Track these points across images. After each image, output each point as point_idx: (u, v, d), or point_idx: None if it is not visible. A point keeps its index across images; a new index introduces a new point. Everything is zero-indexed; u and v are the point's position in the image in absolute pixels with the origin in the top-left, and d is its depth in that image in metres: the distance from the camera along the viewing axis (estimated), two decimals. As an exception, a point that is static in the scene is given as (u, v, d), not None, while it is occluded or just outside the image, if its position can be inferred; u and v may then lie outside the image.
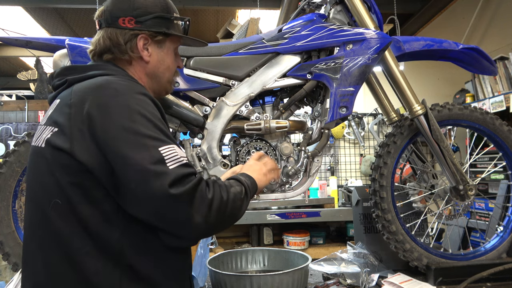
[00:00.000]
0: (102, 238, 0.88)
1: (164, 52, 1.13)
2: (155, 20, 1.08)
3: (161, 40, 1.11)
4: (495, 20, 3.51)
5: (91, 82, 0.96)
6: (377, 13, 1.53)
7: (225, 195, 0.93)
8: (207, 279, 1.65)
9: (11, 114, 4.55)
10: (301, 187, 1.51)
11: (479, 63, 1.64)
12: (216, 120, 1.44)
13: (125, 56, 1.07)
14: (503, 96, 2.95)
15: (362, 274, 1.50)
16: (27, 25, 5.11)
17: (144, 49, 1.08)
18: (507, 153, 1.62)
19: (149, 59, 1.10)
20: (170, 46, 1.15)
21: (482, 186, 2.91)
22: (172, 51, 1.16)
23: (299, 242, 3.52)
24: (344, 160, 4.40)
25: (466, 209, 1.60)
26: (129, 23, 1.05)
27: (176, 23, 1.15)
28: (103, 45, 1.06)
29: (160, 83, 1.16)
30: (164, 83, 1.17)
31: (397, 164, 1.54)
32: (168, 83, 1.19)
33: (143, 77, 1.11)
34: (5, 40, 1.74)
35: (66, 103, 0.94)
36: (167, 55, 1.14)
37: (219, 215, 0.90)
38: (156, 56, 1.11)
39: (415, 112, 1.49)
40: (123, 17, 1.05)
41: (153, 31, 1.08)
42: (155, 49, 1.11)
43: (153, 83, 1.14)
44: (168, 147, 0.89)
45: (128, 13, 1.06)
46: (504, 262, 1.48)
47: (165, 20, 1.11)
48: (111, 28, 1.06)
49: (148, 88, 1.11)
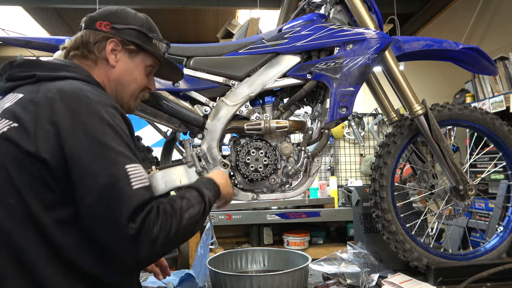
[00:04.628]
0: (57, 243, 0.85)
1: (133, 63, 1.13)
2: (132, 32, 1.11)
3: (132, 50, 1.11)
4: (495, 20, 3.50)
5: (62, 84, 0.94)
6: (377, 13, 1.53)
7: (175, 224, 0.90)
8: (207, 279, 1.65)
9: (11, 114, 4.54)
10: (301, 187, 1.51)
11: (479, 63, 1.64)
12: (216, 120, 1.44)
13: (91, 55, 1.08)
14: (503, 96, 2.95)
15: (362, 274, 1.50)
16: (27, 25, 5.10)
17: (112, 53, 1.09)
18: (507, 153, 1.61)
19: (115, 64, 1.09)
20: (142, 61, 1.14)
21: (482, 186, 2.91)
22: (143, 67, 1.15)
23: (299, 242, 3.52)
24: (344, 160, 4.40)
25: (466, 209, 1.60)
26: (104, 27, 1.08)
27: (155, 45, 1.16)
28: (73, 43, 1.09)
29: (123, 93, 1.13)
30: (127, 96, 1.14)
31: (397, 164, 1.54)
32: (131, 98, 1.16)
33: (106, 81, 1.10)
34: (5, 40, 1.73)
35: (32, 100, 0.90)
36: (136, 68, 1.13)
37: (163, 247, 0.88)
38: (124, 65, 1.11)
39: (415, 112, 1.49)
40: (100, 21, 1.09)
41: (125, 39, 1.09)
42: (124, 58, 1.11)
43: (117, 92, 1.12)
44: (134, 166, 0.87)
45: (106, 18, 1.09)
46: (504, 262, 1.48)
47: (142, 35, 1.12)
48: (87, 29, 1.09)
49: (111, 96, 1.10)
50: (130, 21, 1.11)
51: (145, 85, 1.18)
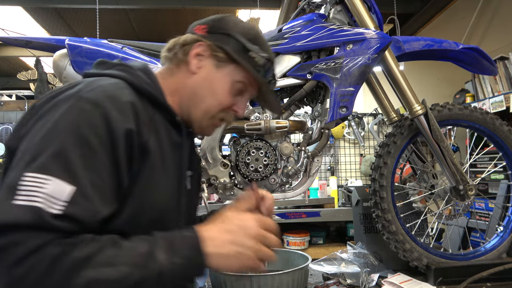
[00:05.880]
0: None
1: (218, 74, 0.95)
2: (226, 38, 0.94)
3: (221, 59, 0.94)
4: (495, 20, 3.51)
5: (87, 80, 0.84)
6: (377, 13, 1.53)
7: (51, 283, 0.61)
8: (207, 279, 1.65)
9: (11, 114, 4.55)
10: (301, 187, 1.51)
11: (479, 63, 1.64)
12: (216, 120, 1.44)
13: (176, 57, 0.96)
14: (503, 96, 2.95)
15: (362, 274, 1.50)
16: (27, 25, 5.11)
17: (196, 57, 0.94)
18: (507, 153, 1.61)
19: (196, 71, 0.94)
20: (230, 74, 0.96)
21: (482, 186, 2.91)
22: (229, 81, 0.96)
23: (299, 242, 3.52)
24: (344, 160, 4.40)
25: (466, 209, 1.60)
26: (201, 30, 0.96)
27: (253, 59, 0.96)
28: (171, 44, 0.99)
29: (196, 107, 0.95)
30: (199, 111, 0.96)
31: (397, 164, 1.54)
32: (205, 116, 0.96)
33: (182, 89, 0.95)
34: (5, 40, 1.73)
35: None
36: (219, 81, 0.95)
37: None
38: (206, 73, 0.95)
39: (415, 112, 1.49)
40: (200, 25, 0.98)
41: (214, 44, 0.94)
42: (209, 65, 0.95)
43: (189, 104, 0.95)
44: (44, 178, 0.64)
45: (208, 22, 0.97)
46: (504, 262, 1.48)
47: (238, 44, 0.95)
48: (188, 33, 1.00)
49: (177, 108, 0.94)
50: (229, 26, 0.96)
51: (227, 105, 0.97)
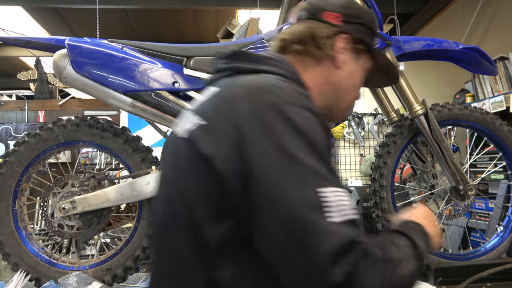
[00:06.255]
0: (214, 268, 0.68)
1: (357, 67, 0.93)
2: (361, 27, 0.92)
3: (360, 51, 0.92)
4: (495, 20, 3.51)
5: (253, 78, 0.79)
6: (377, 13, 1.53)
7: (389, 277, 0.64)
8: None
9: (11, 114, 4.56)
10: (301, 187, 1.51)
11: (479, 63, 1.64)
12: (216, 120, 1.44)
13: (316, 52, 0.89)
14: (503, 96, 2.95)
15: (362, 274, 1.49)
16: (27, 25, 5.11)
17: (342, 52, 0.90)
18: (507, 153, 1.62)
19: (342, 66, 0.90)
20: (364, 64, 0.95)
21: (482, 186, 2.91)
22: (364, 72, 0.96)
23: (299, 242, 3.51)
24: (344, 160, 4.41)
25: (466, 209, 1.60)
26: (335, 18, 0.89)
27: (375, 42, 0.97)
28: (298, 34, 0.90)
29: (342, 101, 0.94)
30: (344, 104, 0.95)
31: (397, 164, 1.54)
32: (348, 107, 0.96)
33: (324, 85, 0.91)
34: (5, 40, 1.74)
35: (220, 94, 0.76)
36: (357, 72, 0.94)
37: None
38: (349, 67, 0.91)
39: (415, 112, 1.49)
40: (330, 11, 0.90)
41: (357, 37, 0.91)
42: (350, 59, 0.91)
43: (334, 99, 0.93)
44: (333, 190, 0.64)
45: (337, 9, 0.90)
46: (504, 262, 1.48)
47: (369, 32, 0.94)
48: (312, 20, 0.90)
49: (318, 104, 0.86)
50: (360, 13, 0.93)
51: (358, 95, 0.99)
